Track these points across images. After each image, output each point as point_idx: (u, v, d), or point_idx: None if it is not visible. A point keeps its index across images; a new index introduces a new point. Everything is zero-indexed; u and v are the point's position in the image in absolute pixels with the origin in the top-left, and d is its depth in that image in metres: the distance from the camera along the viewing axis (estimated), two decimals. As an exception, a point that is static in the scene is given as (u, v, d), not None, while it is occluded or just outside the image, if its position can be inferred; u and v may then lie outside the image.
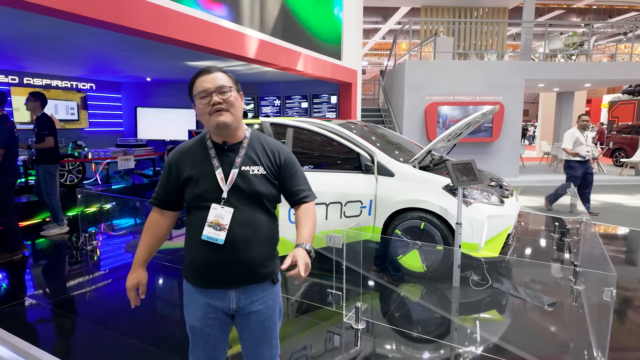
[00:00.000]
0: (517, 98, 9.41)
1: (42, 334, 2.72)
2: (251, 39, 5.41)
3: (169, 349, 2.42)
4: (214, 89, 1.30)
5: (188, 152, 1.40)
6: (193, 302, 1.40)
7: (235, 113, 1.34)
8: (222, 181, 1.33)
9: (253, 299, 1.38)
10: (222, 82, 1.32)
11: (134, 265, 1.43)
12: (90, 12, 3.30)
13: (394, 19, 16.05)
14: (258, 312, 1.39)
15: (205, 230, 1.30)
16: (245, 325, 1.42)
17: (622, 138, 12.92)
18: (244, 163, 1.36)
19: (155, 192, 1.46)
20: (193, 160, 1.37)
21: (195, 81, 1.34)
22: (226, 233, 1.30)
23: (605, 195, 7.87)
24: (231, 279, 1.35)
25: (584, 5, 16.03)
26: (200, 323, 1.38)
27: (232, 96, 1.33)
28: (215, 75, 1.33)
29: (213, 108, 1.30)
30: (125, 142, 9.70)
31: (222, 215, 1.30)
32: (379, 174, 3.57)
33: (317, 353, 2.47)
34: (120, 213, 6.15)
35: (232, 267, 1.33)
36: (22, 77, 8.20)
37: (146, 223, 1.47)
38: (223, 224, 1.30)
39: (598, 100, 23.44)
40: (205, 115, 1.33)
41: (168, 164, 1.42)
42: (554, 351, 2.57)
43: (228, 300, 1.37)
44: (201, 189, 1.33)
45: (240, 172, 1.34)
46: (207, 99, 1.31)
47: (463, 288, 3.27)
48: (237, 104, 1.35)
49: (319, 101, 9.96)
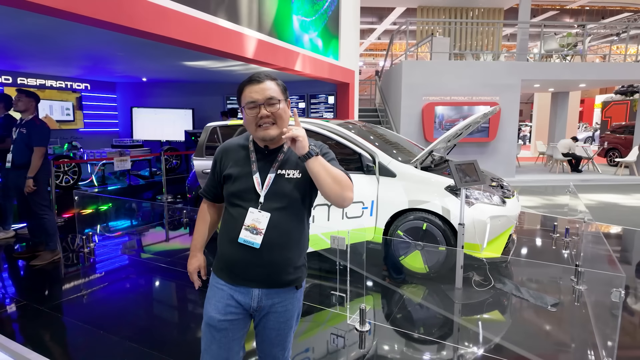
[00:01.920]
0: (514, 98, 9.46)
1: (41, 338, 2.67)
2: (249, 38, 5.38)
3: (170, 353, 2.38)
4: (262, 100, 1.31)
5: (231, 151, 1.44)
6: (216, 294, 1.42)
7: (281, 125, 1.35)
8: (259, 185, 1.36)
9: (275, 301, 1.40)
10: (271, 94, 1.32)
11: (192, 251, 1.54)
12: (90, 11, 3.25)
13: (389, 19, 16.09)
14: (277, 314, 1.41)
15: (242, 234, 1.33)
16: (262, 324, 1.44)
17: (616, 138, 13.02)
18: (282, 166, 1.38)
19: (205, 185, 1.54)
20: (235, 159, 1.41)
21: (244, 89, 1.35)
22: (262, 237, 1.32)
23: (600, 194, 7.93)
24: (258, 279, 1.38)
25: (577, 6, 16.17)
26: (220, 315, 1.39)
27: (280, 108, 1.34)
28: (264, 85, 1.33)
29: (261, 121, 1.32)
30: (121, 142, 9.62)
31: (259, 220, 1.33)
32: (380, 175, 3.56)
33: (321, 355, 2.45)
34: (117, 214, 6.09)
35: (261, 268, 1.36)
36: (15, 77, 8.09)
37: (199, 212, 1.57)
38: (260, 228, 1.33)
39: (591, 101, 23.66)
40: (252, 126, 1.34)
41: (214, 159, 1.48)
42: (557, 351, 2.57)
43: (250, 297, 1.39)
44: (239, 187, 1.37)
45: (277, 176, 1.36)
46: (255, 111, 1.32)
47: (466, 289, 3.26)
48: (284, 116, 1.36)
49: (317, 101, 9.94)
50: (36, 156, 3.73)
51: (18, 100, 3.80)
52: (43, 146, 3.78)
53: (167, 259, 4.13)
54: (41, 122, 3.84)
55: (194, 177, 4.59)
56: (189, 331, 2.77)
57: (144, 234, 5.36)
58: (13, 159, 3.86)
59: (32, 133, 3.75)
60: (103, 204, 6.27)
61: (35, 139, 3.75)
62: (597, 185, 9.03)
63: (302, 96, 10.08)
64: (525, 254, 4.39)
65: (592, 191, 8.25)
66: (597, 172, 10.81)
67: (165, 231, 5.46)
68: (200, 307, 3.16)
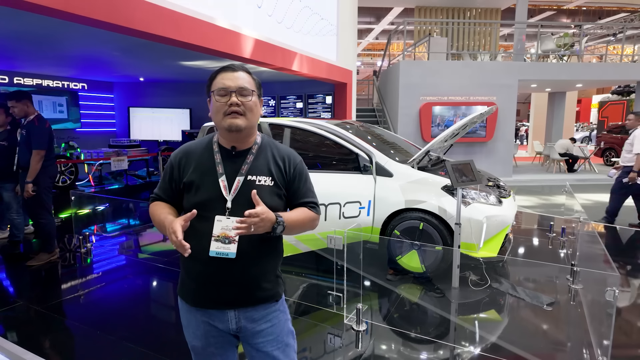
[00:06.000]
0: (511, 98, 9.49)
1: (38, 339, 2.66)
2: (247, 38, 5.37)
3: (168, 354, 2.38)
4: (234, 88, 1.22)
5: (192, 154, 1.29)
6: (191, 321, 1.30)
7: (251, 119, 1.25)
8: (226, 190, 1.22)
9: (254, 318, 1.27)
10: (244, 84, 1.24)
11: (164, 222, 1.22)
12: (85, 11, 3.24)
13: (387, 19, 16.11)
14: (263, 332, 1.28)
15: (213, 246, 1.17)
16: (252, 346, 1.30)
17: (612, 138, 13.08)
18: (251, 171, 1.26)
19: (155, 193, 1.35)
20: (197, 163, 1.26)
21: (216, 76, 1.26)
22: (237, 245, 1.17)
23: (596, 194, 7.96)
24: (231, 298, 1.25)
25: (574, 7, 16.22)
26: (202, 343, 1.29)
27: (252, 100, 1.25)
28: (238, 74, 1.25)
29: (230, 109, 1.22)
30: (119, 142, 9.59)
31: (229, 227, 1.17)
32: (377, 175, 3.57)
33: (318, 355, 2.46)
34: (114, 214, 6.08)
35: (235, 287, 1.23)
36: (12, 77, 8.06)
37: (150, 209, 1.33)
38: (232, 235, 1.17)
39: (588, 101, 23.76)
40: (220, 115, 1.23)
41: (169, 165, 1.31)
42: (553, 350, 2.59)
43: (227, 320, 1.26)
44: (202, 197, 1.22)
45: (245, 181, 1.24)
46: (226, 98, 1.22)
47: (462, 288, 3.27)
48: (255, 110, 1.27)
49: (314, 101, 9.94)
50: (34, 159, 3.64)
51: (14, 108, 3.74)
52: (42, 149, 3.69)
53: (164, 259, 4.13)
54: (40, 123, 3.75)
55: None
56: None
57: (141, 234, 5.36)
58: (18, 160, 3.84)
59: (31, 135, 3.68)
60: (100, 204, 6.25)
61: (33, 141, 3.66)
62: (593, 185, 9.07)
63: (300, 96, 10.07)
64: (521, 254, 4.41)
65: (588, 191, 8.28)
66: (593, 171, 10.85)
67: (162, 231, 5.44)
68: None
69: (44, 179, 3.79)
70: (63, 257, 4.16)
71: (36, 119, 3.75)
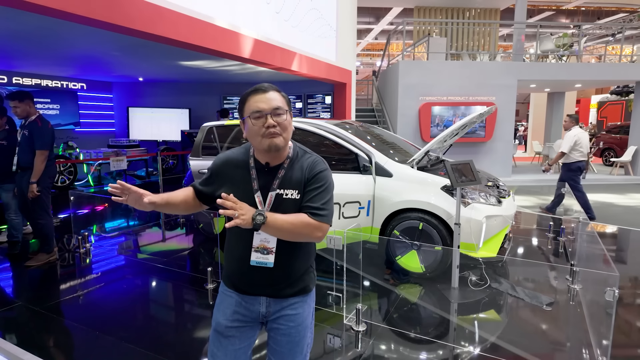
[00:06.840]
0: (510, 98, 9.50)
1: (37, 339, 2.66)
2: (246, 38, 5.37)
3: (166, 353, 2.38)
4: (269, 110, 1.27)
5: (230, 166, 1.38)
6: (224, 300, 1.42)
7: (286, 137, 1.32)
8: (261, 205, 1.32)
9: (283, 305, 1.39)
10: (278, 104, 1.29)
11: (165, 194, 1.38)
12: (85, 10, 3.24)
13: (386, 19, 16.10)
14: (287, 317, 1.39)
15: (253, 256, 1.31)
16: (273, 331, 1.41)
17: (611, 138, 13.10)
18: (281, 186, 1.33)
19: (197, 182, 1.45)
20: (234, 177, 1.36)
21: (248, 99, 1.31)
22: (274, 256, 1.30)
23: (596, 194, 7.97)
24: (267, 292, 1.38)
25: (573, 7, 16.24)
26: (227, 321, 1.38)
27: (286, 120, 1.31)
28: (270, 95, 1.30)
29: (267, 131, 1.27)
30: (118, 142, 9.58)
31: (267, 239, 1.31)
32: (377, 175, 3.57)
33: (318, 355, 2.45)
34: (113, 215, 6.07)
35: (271, 286, 1.37)
36: (11, 77, 8.04)
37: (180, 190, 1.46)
38: (270, 247, 1.31)
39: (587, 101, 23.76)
40: (258, 137, 1.29)
41: (211, 170, 1.42)
42: (552, 350, 2.59)
43: (259, 303, 1.39)
44: None
45: (277, 196, 1.33)
46: (261, 121, 1.27)
47: (462, 288, 3.27)
48: (289, 128, 1.33)
49: (314, 101, 9.94)
50: (38, 160, 3.66)
51: (16, 108, 3.73)
52: (46, 149, 3.70)
53: (163, 259, 4.12)
54: (43, 124, 3.76)
55: (190, 177, 4.58)
56: (185, 332, 2.77)
57: (140, 234, 5.35)
58: (18, 161, 3.81)
59: (34, 135, 3.68)
60: (99, 204, 6.24)
61: (37, 141, 3.67)
62: (592, 184, 9.07)
63: (299, 96, 10.07)
64: (521, 254, 4.41)
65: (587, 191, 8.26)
66: (592, 171, 10.86)
67: (161, 231, 5.44)
68: (197, 308, 3.16)
69: (44, 179, 3.79)
70: (62, 258, 4.15)
71: (38, 119, 3.76)
